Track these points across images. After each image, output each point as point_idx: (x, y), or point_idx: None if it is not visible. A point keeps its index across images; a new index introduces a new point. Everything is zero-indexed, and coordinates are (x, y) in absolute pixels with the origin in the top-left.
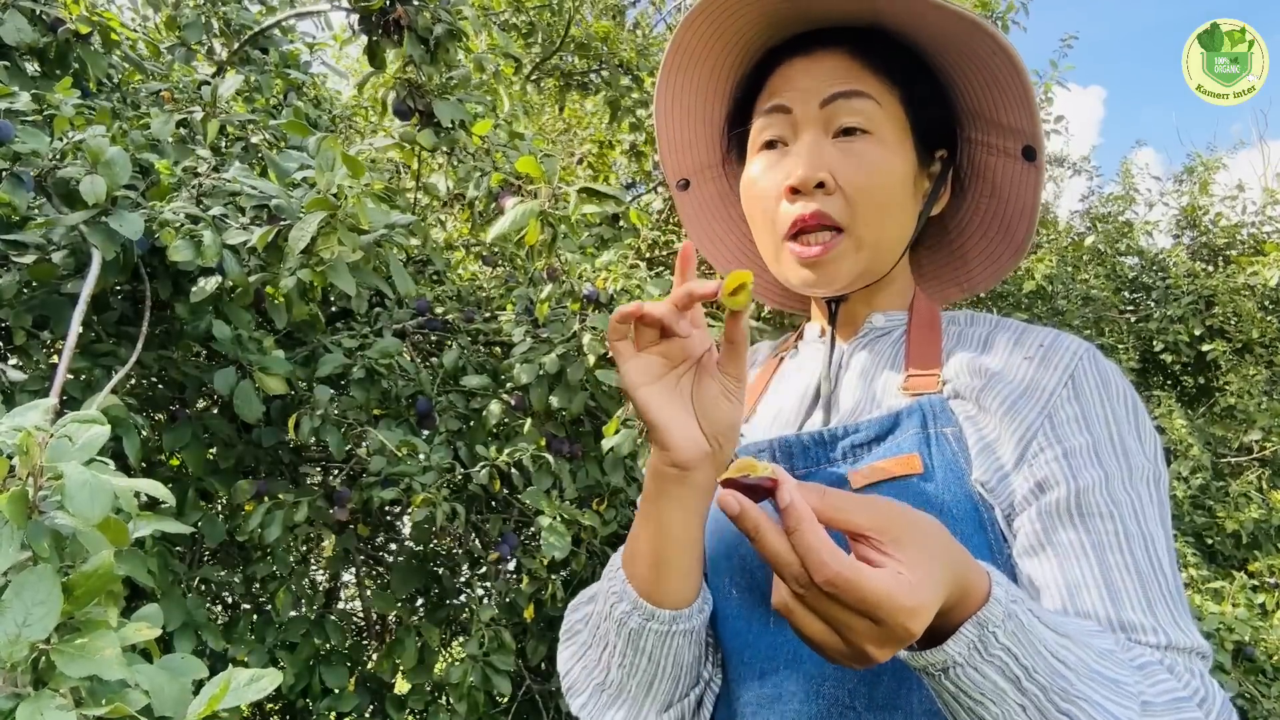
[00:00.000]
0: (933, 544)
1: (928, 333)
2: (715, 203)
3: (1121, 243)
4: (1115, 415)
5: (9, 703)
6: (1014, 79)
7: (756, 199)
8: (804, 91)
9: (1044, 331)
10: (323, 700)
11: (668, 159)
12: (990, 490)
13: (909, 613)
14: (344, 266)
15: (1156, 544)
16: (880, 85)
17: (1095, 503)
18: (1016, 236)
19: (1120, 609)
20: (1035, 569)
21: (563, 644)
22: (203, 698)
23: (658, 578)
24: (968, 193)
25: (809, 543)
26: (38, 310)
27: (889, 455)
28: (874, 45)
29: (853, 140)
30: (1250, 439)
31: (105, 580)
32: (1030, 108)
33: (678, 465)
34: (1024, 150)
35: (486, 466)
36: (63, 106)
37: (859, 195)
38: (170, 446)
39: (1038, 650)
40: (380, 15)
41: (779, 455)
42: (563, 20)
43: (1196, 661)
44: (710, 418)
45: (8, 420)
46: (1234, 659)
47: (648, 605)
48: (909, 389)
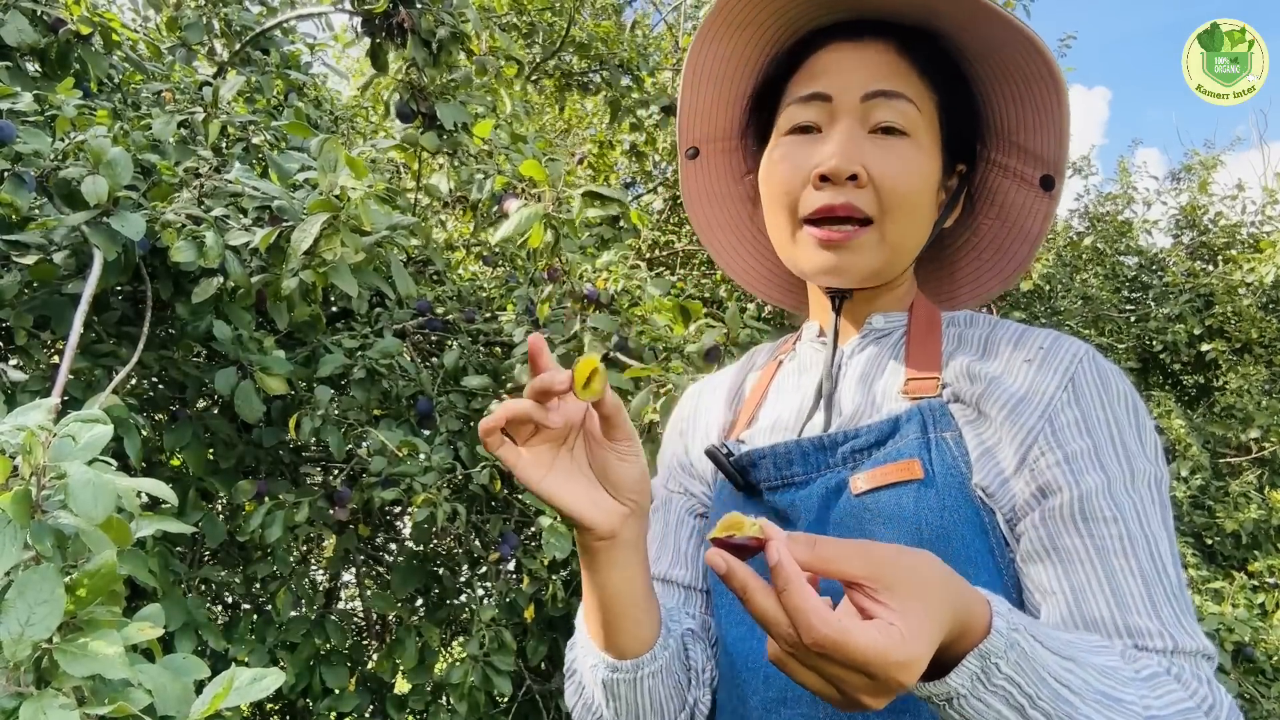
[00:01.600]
0: (928, 586)
1: (927, 335)
2: (723, 177)
3: (1120, 242)
4: (1116, 418)
5: (12, 702)
6: (1053, 104)
7: (780, 179)
8: (846, 81)
9: (1043, 333)
10: (323, 700)
11: (684, 123)
12: (991, 495)
13: (900, 667)
14: (346, 267)
15: (1160, 546)
16: (921, 89)
17: (1098, 507)
18: (1012, 262)
19: (1126, 614)
20: (1040, 575)
21: (567, 679)
22: (206, 697)
23: (612, 633)
24: (975, 212)
25: (796, 604)
26: (39, 310)
27: (889, 460)
28: (919, 44)
29: (890, 139)
30: (1249, 438)
31: (108, 580)
32: (1062, 136)
33: (602, 538)
34: (1043, 179)
35: (487, 467)
36: (65, 107)
37: (891, 193)
38: (171, 446)
39: (1041, 677)
40: (383, 18)
41: (779, 462)
42: (563, 20)
43: (1203, 665)
44: (615, 483)
45: (10, 420)
46: (1234, 659)
47: (610, 659)
48: (909, 392)
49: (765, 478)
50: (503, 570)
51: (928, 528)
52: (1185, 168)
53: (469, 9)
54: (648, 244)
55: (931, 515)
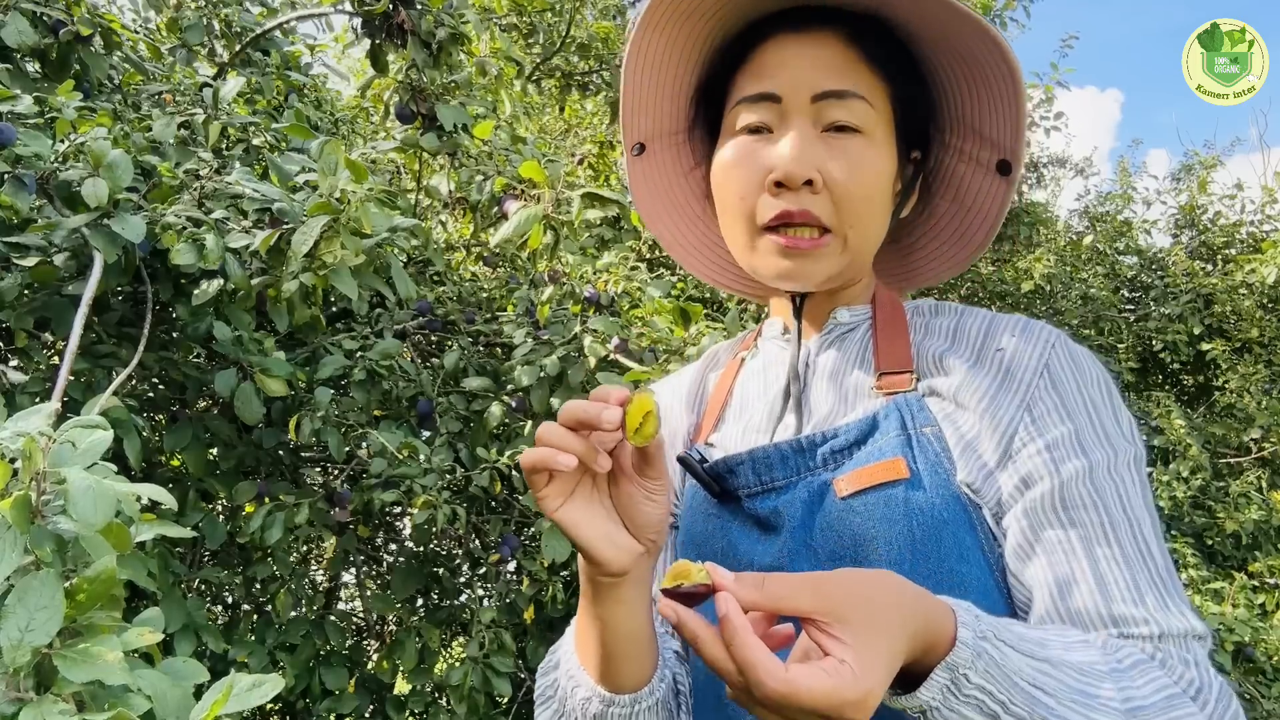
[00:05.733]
0: (882, 614)
1: (894, 328)
2: (670, 173)
3: (1120, 242)
4: (1093, 401)
5: (12, 707)
6: (1008, 90)
7: (733, 185)
8: (795, 81)
9: (1011, 319)
10: (323, 701)
11: (628, 119)
12: (976, 491)
13: (854, 705)
14: (346, 270)
15: (1144, 529)
16: (872, 81)
17: (1079, 494)
18: (971, 245)
19: (1111, 603)
20: (1025, 570)
21: (538, 707)
22: (205, 703)
23: (610, 669)
24: (931, 198)
25: (744, 658)
26: (39, 312)
27: (872, 460)
28: (868, 33)
29: (843, 137)
30: (1249, 438)
31: (108, 585)
32: (1018, 121)
33: (611, 575)
34: (999, 164)
35: (487, 468)
36: (65, 109)
37: (847, 198)
38: (171, 447)
39: (1014, 683)
40: (383, 19)
41: (758, 467)
42: (564, 21)
43: (1193, 646)
44: (636, 522)
45: (11, 425)
46: (1234, 659)
47: (606, 693)
48: (882, 387)
49: (744, 484)
50: (502, 572)
51: (920, 528)
52: (1185, 168)
53: (469, 10)
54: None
55: (923, 516)
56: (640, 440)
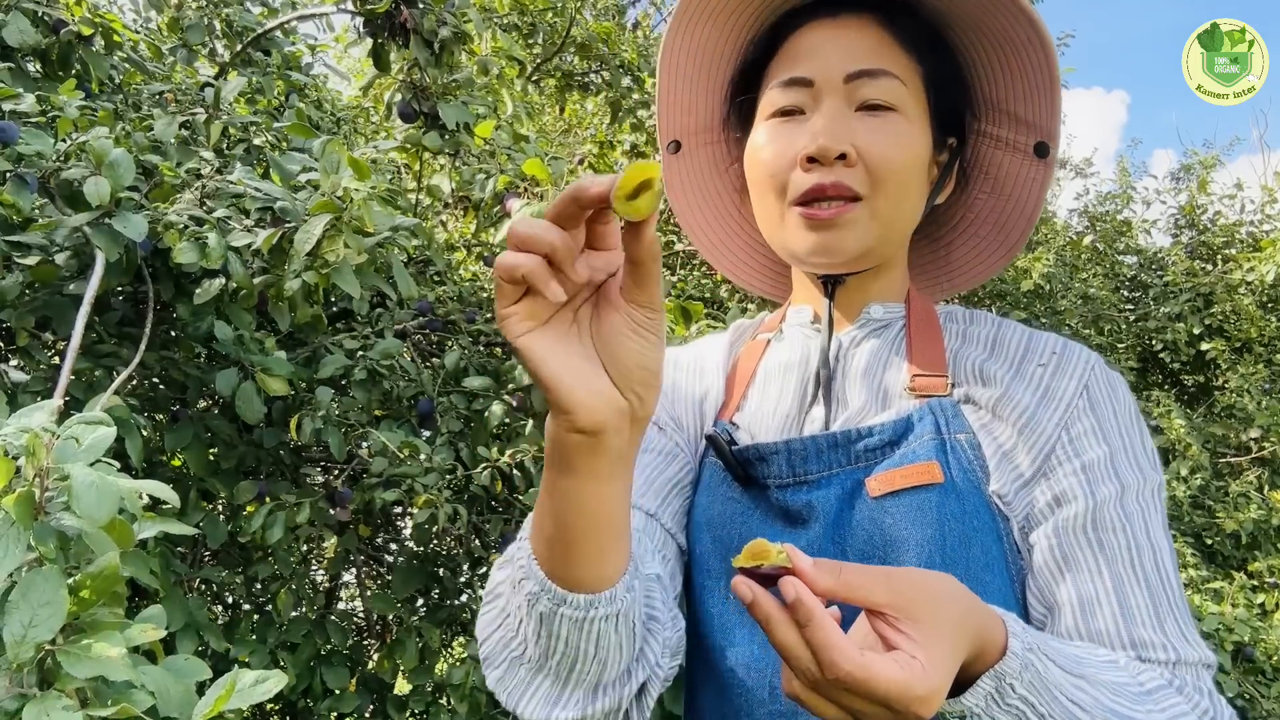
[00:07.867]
0: (949, 615)
1: (928, 329)
2: (705, 170)
3: (1120, 241)
4: (1127, 426)
5: (15, 703)
6: (1043, 67)
7: (765, 164)
8: (828, 64)
9: (1051, 338)
10: (324, 701)
11: (664, 117)
12: (1007, 503)
13: (920, 701)
14: (349, 269)
15: (1163, 555)
16: (906, 63)
17: (1110, 517)
18: (1010, 237)
19: (1132, 626)
20: (1051, 586)
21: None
22: (208, 699)
23: (568, 559)
24: (968, 187)
25: (819, 640)
26: (41, 311)
27: (906, 462)
28: (900, 16)
29: (877, 115)
30: (1249, 438)
31: (111, 581)
32: (1054, 100)
33: (584, 431)
34: (1036, 146)
35: (488, 468)
36: (67, 108)
37: (882, 169)
38: (172, 447)
39: (1054, 696)
40: (385, 18)
41: (794, 459)
42: (565, 20)
43: (1204, 675)
44: (620, 362)
45: (14, 421)
46: (1233, 659)
47: (557, 589)
48: (915, 389)
49: (775, 474)
50: None
51: (951, 535)
52: (1184, 167)
53: (471, 9)
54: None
55: (955, 522)
56: (635, 213)
